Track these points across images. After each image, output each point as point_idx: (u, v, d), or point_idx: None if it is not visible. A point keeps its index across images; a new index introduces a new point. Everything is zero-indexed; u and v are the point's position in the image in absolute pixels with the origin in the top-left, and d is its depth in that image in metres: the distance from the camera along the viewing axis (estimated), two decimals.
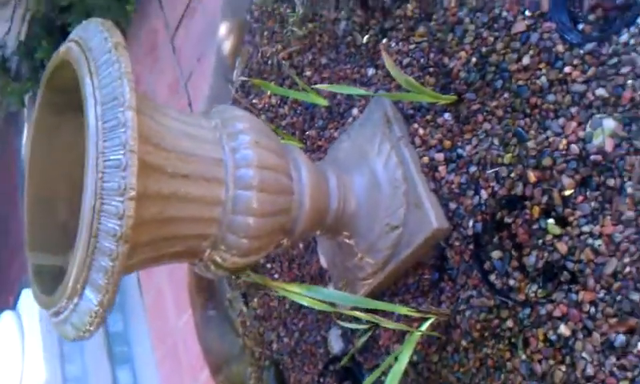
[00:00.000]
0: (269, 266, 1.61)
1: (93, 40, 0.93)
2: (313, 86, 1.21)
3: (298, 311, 1.51)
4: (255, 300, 1.66)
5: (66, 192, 1.13)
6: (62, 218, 1.14)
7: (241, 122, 1.06)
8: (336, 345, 1.39)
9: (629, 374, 0.88)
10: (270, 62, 1.60)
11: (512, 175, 1.02)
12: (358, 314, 1.14)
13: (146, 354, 2.75)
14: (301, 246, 1.50)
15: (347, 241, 1.24)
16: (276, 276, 1.59)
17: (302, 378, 1.48)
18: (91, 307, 0.87)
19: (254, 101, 1.64)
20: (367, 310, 1.13)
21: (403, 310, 1.14)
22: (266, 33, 1.64)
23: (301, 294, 1.17)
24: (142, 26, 2.90)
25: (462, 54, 1.11)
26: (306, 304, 1.11)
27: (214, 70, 1.94)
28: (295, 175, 1.11)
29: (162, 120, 0.98)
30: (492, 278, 1.06)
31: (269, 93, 1.57)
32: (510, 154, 1.02)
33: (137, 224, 0.87)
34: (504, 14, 1.05)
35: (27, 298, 3.39)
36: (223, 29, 1.85)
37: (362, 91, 1.21)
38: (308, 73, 1.47)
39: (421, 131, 1.18)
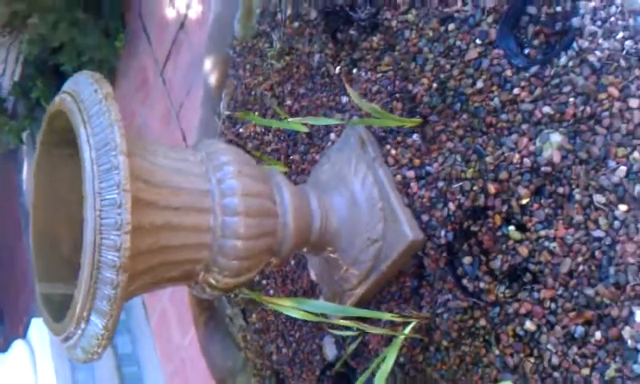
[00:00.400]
0: (264, 282, 1.71)
1: (84, 92, 1.03)
2: (290, 119, 1.31)
3: (294, 323, 1.60)
4: (254, 315, 1.75)
5: (68, 227, 1.22)
6: (66, 251, 1.23)
7: (225, 155, 1.16)
8: (330, 352, 1.48)
9: (589, 362, 0.97)
10: (253, 93, 1.70)
11: (474, 188, 1.11)
12: (347, 322, 1.24)
13: (156, 373, 2.84)
14: (292, 262, 1.60)
15: (332, 255, 1.34)
16: (271, 291, 1.68)
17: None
18: (97, 331, 0.97)
19: (240, 130, 1.73)
20: (355, 318, 1.23)
21: (387, 316, 1.23)
22: (248, 66, 1.74)
23: (292, 308, 1.26)
24: (131, 62, 3.00)
25: (424, 80, 1.21)
26: (297, 317, 1.20)
27: (202, 103, 2.04)
28: (278, 199, 1.21)
29: (151, 158, 1.08)
30: (465, 281, 1.15)
31: (254, 122, 1.67)
32: (471, 169, 1.12)
33: (134, 254, 0.96)
34: (458, 43, 1.15)
35: (37, 327, 3.48)
36: (208, 63, 1.95)
37: (332, 120, 1.31)
38: (289, 102, 1.57)
39: (393, 152, 1.27)
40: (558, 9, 1.03)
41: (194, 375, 2.44)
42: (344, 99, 1.40)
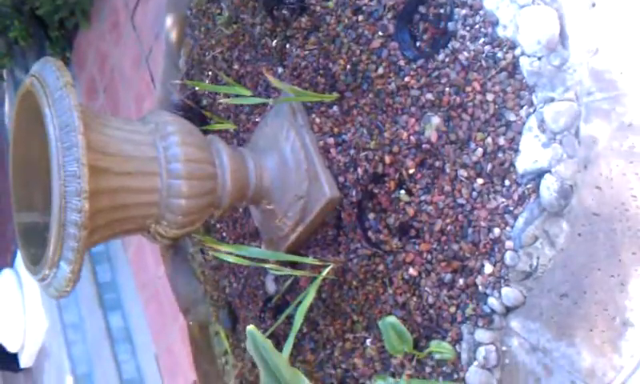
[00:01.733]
0: (218, 226, 1.95)
1: (49, 77, 1.24)
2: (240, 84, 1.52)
3: None
4: (210, 253, 2.00)
5: (41, 171, 1.44)
6: (40, 186, 1.45)
7: (171, 125, 1.38)
8: (271, 287, 1.74)
9: (454, 302, 1.23)
10: (207, 54, 1.90)
11: (376, 157, 1.34)
12: (279, 268, 1.49)
13: (133, 299, 3.11)
14: (240, 210, 1.84)
15: (268, 207, 1.58)
16: (224, 234, 1.92)
17: (247, 314, 1.84)
18: (66, 274, 1.21)
19: (196, 89, 1.94)
20: (287, 262, 1.48)
21: (309, 260, 1.48)
22: (202, 29, 1.92)
23: (230, 253, 1.52)
24: (104, 4, 3.14)
25: (341, 61, 1.42)
26: (232, 261, 1.45)
27: (165, 55, 2.23)
28: (218, 162, 1.43)
29: (107, 131, 1.30)
30: (369, 234, 1.39)
31: (207, 82, 1.87)
32: (374, 141, 1.35)
33: (93, 213, 1.20)
34: (365, 32, 1.35)
35: None
36: (169, 20, 2.13)
37: (260, 100, 1.54)
38: (236, 66, 1.77)
39: (317, 120, 1.49)
40: (442, 10, 1.24)
41: (167, 303, 2.71)
42: (279, 70, 1.60)
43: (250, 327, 1.15)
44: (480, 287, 1.17)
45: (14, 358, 3.78)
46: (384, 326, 1.27)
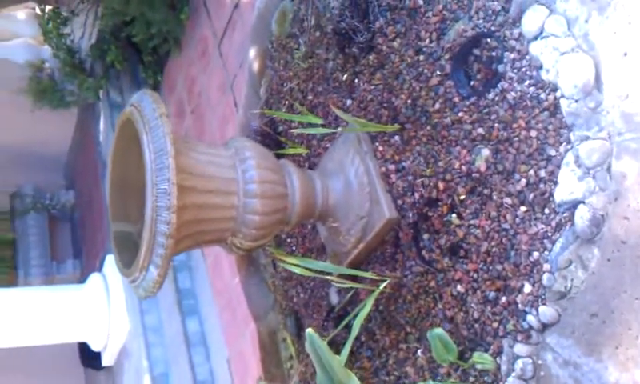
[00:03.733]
0: (289, 240, 2.13)
1: (146, 108, 1.45)
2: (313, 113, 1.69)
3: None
4: (280, 265, 2.18)
5: (137, 185, 1.65)
6: (134, 200, 1.65)
7: (248, 150, 1.57)
8: (334, 299, 1.90)
9: (497, 318, 1.35)
10: (284, 85, 2.09)
11: (431, 184, 1.48)
12: (341, 280, 1.65)
13: (209, 306, 3.33)
14: (309, 226, 2.00)
15: (333, 225, 1.74)
16: (294, 248, 2.10)
17: (312, 322, 2.00)
18: (153, 277, 1.41)
19: (274, 116, 2.13)
20: (348, 276, 1.64)
21: (368, 274, 1.63)
22: (281, 61, 2.12)
23: (296, 265, 1.69)
24: (194, 34, 3.41)
25: (403, 96, 1.57)
26: (298, 272, 1.62)
27: (247, 83, 2.44)
28: (289, 183, 1.61)
29: (194, 155, 1.50)
30: (423, 252, 1.53)
31: (284, 111, 2.06)
32: (430, 169, 1.49)
33: (179, 225, 1.39)
34: (425, 71, 1.50)
35: (111, 262, 4.02)
36: (252, 52, 2.34)
37: (330, 130, 1.69)
38: (310, 97, 1.95)
39: (380, 148, 1.65)
40: (493, 53, 1.37)
41: (240, 310, 2.91)
42: (348, 102, 1.77)
43: (309, 330, 1.31)
44: (520, 305, 1.29)
45: (97, 356, 4.08)
46: (432, 338, 1.40)
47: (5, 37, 4.35)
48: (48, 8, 3.70)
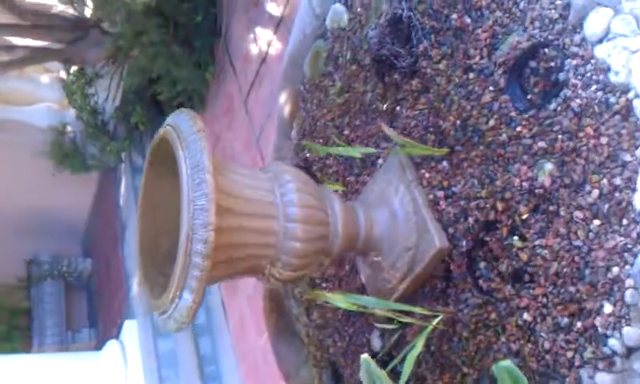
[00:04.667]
0: (324, 285, 2.00)
1: (183, 125, 1.36)
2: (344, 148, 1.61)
3: (348, 319, 1.88)
4: (315, 313, 2.04)
5: (164, 230, 1.56)
6: (164, 246, 1.56)
7: (288, 174, 1.47)
8: (376, 344, 1.75)
9: (572, 346, 1.21)
10: (318, 123, 2.01)
11: (487, 205, 1.37)
12: (388, 314, 1.51)
13: (232, 371, 3.18)
14: (347, 267, 1.88)
15: (375, 259, 1.62)
16: (329, 292, 1.97)
17: (353, 373, 1.85)
18: (187, 304, 1.29)
19: (307, 155, 2.05)
20: (395, 311, 1.50)
21: (419, 310, 1.50)
22: (315, 101, 2.05)
23: (342, 300, 1.56)
24: (219, 91, 3.40)
25: (451, 117, 1.48)
26: (344, 306, 1.49)
27: (278, 129, 2.37)
28: (330, 211, 1.50)
29: (231, 176, 1.40)
30: (480, 282, 1.40)
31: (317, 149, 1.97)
32: (485, 190, 1.38)
33: (215, 248, 1.28)
34: (476, 88, 1.41)
35: (129, 328, 3.90)
36: (283, 96, 2.28)
37: (372, 150, 1.60)
38: (346, 132, 1.86)
39: (427, 175, 1.55)
40: (552, 64, 1.29)
41: (267, 371, 2.75)
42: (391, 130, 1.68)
43: (364, 356, 1.18)
44: (599, 328, 1.15)
45: None
46: (498, 371, 1.25)
47: (28, 101, 4.37)
48: (73, 68, 3.71)
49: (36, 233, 4.89)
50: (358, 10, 1.91)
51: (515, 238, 1.32)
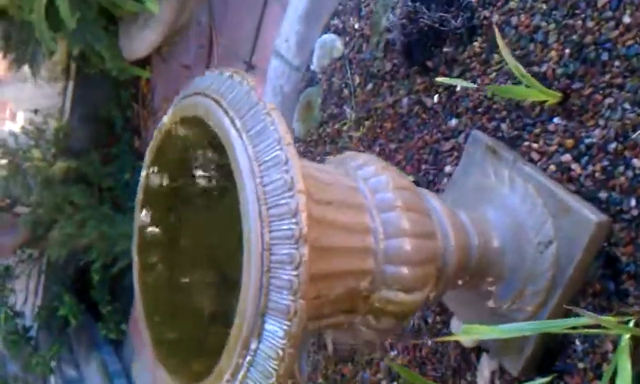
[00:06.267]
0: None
1: (238, 95, 0.85)
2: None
3: None
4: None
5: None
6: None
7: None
8: None
9: None
10: None
11: None
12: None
13: None
14: (429, 343, 1.36)
15: (491, 289, 1.12)
16: None
17: None
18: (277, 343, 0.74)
19: None
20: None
21: (589, 320, 0.99)
22: (318, 157, 1.62)
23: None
24: None
25: (552, 53, 1.10)
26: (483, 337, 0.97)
27: None
28: (434, 215, 1.02)
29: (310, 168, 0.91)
30: None
31: None
32: None
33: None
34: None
35: None
36: None
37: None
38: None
39: (535, 146, 1.12)
40: None
41: None
42: (453, 122, 1.27)
43: None
44: None
45: None
46: None
47: None
48: None
49: None
50: (355, 26, 1.56)
51: None
